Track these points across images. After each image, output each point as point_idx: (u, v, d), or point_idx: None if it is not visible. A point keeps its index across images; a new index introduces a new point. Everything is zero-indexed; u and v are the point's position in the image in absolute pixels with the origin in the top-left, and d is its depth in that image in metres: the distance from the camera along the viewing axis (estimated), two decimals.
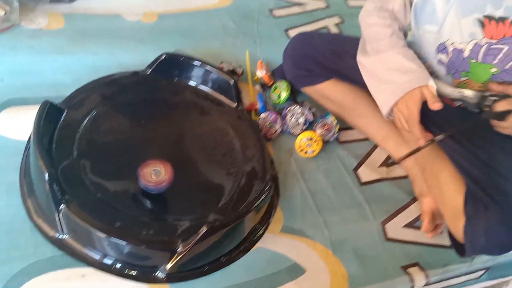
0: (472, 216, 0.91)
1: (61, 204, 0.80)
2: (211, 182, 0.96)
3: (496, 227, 0.88)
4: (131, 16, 1.32)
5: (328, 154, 1.15)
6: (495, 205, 0.89)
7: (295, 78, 1.16)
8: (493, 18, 0.86)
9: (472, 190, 0.94)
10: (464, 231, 0.92)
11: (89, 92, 1.01)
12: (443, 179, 1.00)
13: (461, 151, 0.98)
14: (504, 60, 0.89)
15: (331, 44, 1.13)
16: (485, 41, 0.89)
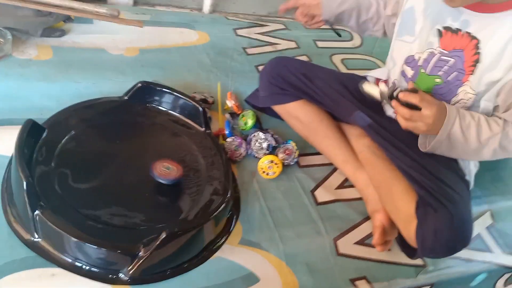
0: (423, 218, 1.01)
1: (36, 210, 0.90)
2: (177, 196, 1.06)
3: (444, 228, 0.98)
4: (115, 50, 1.45)
5: (288, 176, 1.25)
6: (444, 208, 0.99)
7: (269, 95, 1.27)
8: (450, 29, 1.00)
9: (422, 196, 1.04)
10: (415, 232, 1.01)
11: (70, 114, 1.12)
12: (397, 192, 1.10)
13: (412, 164, 1.08)
14: (447, 71, 1.02)
15: (303, 69, 1.25)
16: (439, 50, 1.03)
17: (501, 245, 1.26)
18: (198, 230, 0.97)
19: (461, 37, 0.99)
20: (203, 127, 1.21)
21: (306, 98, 1.25)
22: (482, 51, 0.97)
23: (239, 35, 1.73)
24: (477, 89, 1.01)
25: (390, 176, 1.13)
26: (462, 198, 1.03)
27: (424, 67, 1.06)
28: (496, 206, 1.37)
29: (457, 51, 1.00)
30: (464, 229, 1.00)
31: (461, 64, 1.00)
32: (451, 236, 0.99)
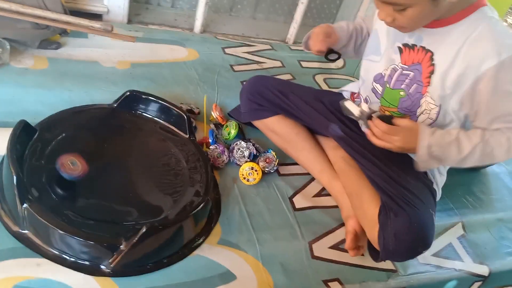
0: (384, 222, 1.07)
1: (25, 203, 0.95)
2: (160, 196, 1.11)
3: (403, 231, 1.04)
4: (108, 63, 1.53)
5: (268, 183, 1.31)
6: (403, 212, 1.05)
7: (248, 111, 1.35)
8: (407, 45, 1.09)
9: (384, 201, 1.10)
10: (378, 236, 1.07)
11: (61, 117, 1.19)
12: (365, 199, 1.17)
13: (377, 172, 1.16)
14: (409, 84, 1.10)
15: (280, 86, 1.34)
16: (400, 66, 1.11)
17: (471, 255, 1.32)
18: (178, 227, 1.03)
19: (417, 51, 1.08)
20: (187, 134, 1.28)
21: (282, 113, 1.32)
22: (435, 62, 1.05)
23: (227, 53, 1.82)
24: (437, 99, 1.08)
25: (361, 184, 1.20)
26: (423, 203, 1.10)
27: (389, 82, 1.15)
28: (467, 219, 1.44)
29: (415, 65, 1.08)
30: (423, 232, 1.06)
31: (419, 76, 1.08)
32: (410, 239, 1.05)
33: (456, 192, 1.52)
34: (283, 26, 2.14)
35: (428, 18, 1.01)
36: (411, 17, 0.97)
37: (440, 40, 1.03)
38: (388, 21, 1.01)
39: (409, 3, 0.94)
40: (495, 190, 1.61)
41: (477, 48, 0.98)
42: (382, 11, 1.01)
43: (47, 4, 1.44)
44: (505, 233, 1.44)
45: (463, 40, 0.99)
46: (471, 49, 0.98)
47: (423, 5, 0.94)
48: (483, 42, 0.97)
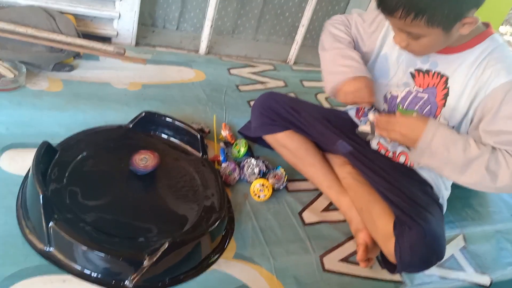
0: (399, 235, 1.12)
1: (51, 222, 0.99)
2: (177, 213, 1.16)
3: (418, 243, 1.09)
4: (119, 84, 1.58)
5: (278, 200, 1.36)
6: (417, 225, 1.10)
7: (260, 126, 1.40)
8: (421, 70, 1.17)
9: (398, 216, 1.15)
10: (394, 249, 1.12)
11: (80, 138, 1.24)
12: (376, 213, 1.22)
13: (389, 187, 1.21)
14: (423, 106, 1.17)
15: (291, 103, 1.39)
16: (415, 89, 1.19)
17: (473, 265, 1.37)
18: (196, 242, 1.07)
19: (431, 76, 1.15)
20: (200, 153, 1.33)
21: (293, 128, 1.38)
22: (450, 86, 1.13)
23: (232, 74, 1.88)
24: (450, 119, 1.15)
25: (370, 199, 1.25)
26: (434, 217, 1.15)
27: (402, 104, 1.22)
28: (468, 230, 1.49)
29: (430, 88, 1.16)
30: (436, 244, 1.11)
31: (434, 98, 1.16)
32: (425, 251, 1.10)
33: (455, 205, 1.57)
34: (284, 47, 2.22)
35: (440, 45, 1.09)
36: (424, 45, 1.05)
37: (455, 65, 1.11)
38: (402, 46, 1.08)
39: (424, 33, 1.01)
40: (492, 203, 1.68)
41: (488, 71, 1.06)
42: (397, 36, 1.08)
43: (61, 28, 1.49)
44: (504, 244, 1.50)
45: (477, 64, 1.08)
46: (484, 72, 1.07)
47: (436, 35, 1.01)
48: (495, 65, 1.06)
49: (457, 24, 1.00)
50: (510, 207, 1.68)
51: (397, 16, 0.98)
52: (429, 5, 0.94)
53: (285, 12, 2.20)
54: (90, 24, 1.74)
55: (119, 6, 1.73)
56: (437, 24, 0.98)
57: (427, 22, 0.97)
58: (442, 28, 0.99)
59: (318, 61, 1.34)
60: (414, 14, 0.96)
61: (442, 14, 0.96)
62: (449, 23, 0.99)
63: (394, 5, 0.97)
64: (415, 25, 0.99)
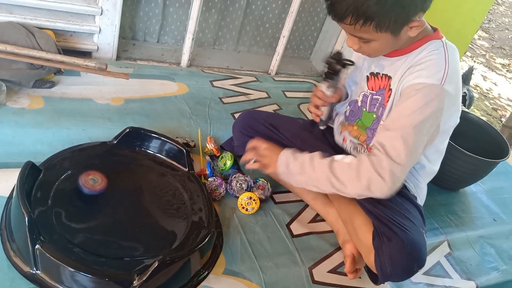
0: (379, 247, 1.13)
1: (37, 244, 0.97)
2: (165, 229, 1.15)
3: (398, 254, 1.10)
4: (102, 100, 1.56)
5: (265, 212, 1.36)
6: (395, 236, 1.11)
7: (241, 144, 1.39)
8: (373, 73, 1.22)
9: (377, 227, 1.16)
10: (374, 261, 1.13)
11: (64, 157, 1.21)
12: (357, 225, 1.23)
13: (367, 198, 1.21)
14: (379, 107, 1.20)
15: (270, 119, 1.41)
16: (369, 92, 1.23)
17: (459, 272, 1.40)
18: (186, 260, 1.06)
19: (380, 78, 1.20)
20: (186, 168, 1.32)
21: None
22: (392, 87, 1.16)
23: (215, 86, 1.88)
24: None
25: (353, 210, 1.26)
26: (413, 223, 1.16)
27: (364, 107, 1.26)
28: (452, 237, 1.52)
29: (381, 90, 1.20)
30: (416, 252, 1.12)
31: (383, 100, 1.19)
32: (405, 260, 1.11)
33: (439, 212, 1.60)
34: (265, 58, 2.23)
35: (391, 47, 1.13)
36: (375, 48, 1.11)
37: (396, 67, 1.15)
38: (355, 49, 1.13)
39: (373, 38, 1.06)
40: (474, 209, 1.71)
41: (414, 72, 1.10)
42: (350, 40, 1.12)
43: (41, 44, 1.47)
44: (487, 249, 1.53)
45: (409, 66, 1.12)
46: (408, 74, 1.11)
47: (386, 39, 1.06)
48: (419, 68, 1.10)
49: (405, 27, 1.04)
50: (492, 212, 1.72)
51: (346, 22, 1.02)
52: (376, 12, 0.98)
53: (266, 23, 2.22)
54: (70, 39, 1.72)
55: (99, 21, 1.71)
56: (385, 29, 1.02)
57: (376, 27, 1.01)
58: (390, 32, 1.03)
59: (299, 71, 1.36)
60: (363, 21, 1.00)
61: (390, 20, 1.00)
62: (397, 27, 1.03)
63: (343, 12, 1.00)
64: (364, 31, 1.03)
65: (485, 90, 4.07)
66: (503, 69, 4.68)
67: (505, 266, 1.48)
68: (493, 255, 1.51)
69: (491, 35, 5.42)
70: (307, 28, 2.34)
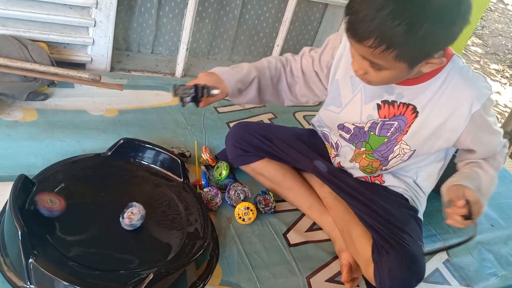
0: (378, 261, 1.12)
1: (30, 258, 0.95)
2: (160, 240, 1.13)
3: (396, 267, 1.10)
4: (96, 111, 1.56)
5: (262, 221, 1.35)
6: (394, 249, 1.11)
7: (235, 157, 1.40)
8: (387, 101, 1.16)
9: (376, 240, 1.16)
10: (373, 274, 1.12)
11: (57, 169, 1.20)
12: (355, 237, 1.22)
13: (365, 210, 1.21)
14: (394, 132, 1.18)
15: (263, 131, 1.39)
16: (380, 120, 1.18)
17: (458, 278, 1.39)
18: (182, 271, 1.05)
19: (397, 106, 1.15)
20: (181, 178, 1.31)
21: (268, 156, 1.38)
22: (419, 111, 1.13)
23: None
24: (413, 145, 1.17)
25: (350, 220, 1.26)
26: (411, 237, 1.16)
27: (373, 131, 1.21)
28: (450, 243, 1.50)
29: (398, 116, 1.16)
30: (415, 266, 1.11)
31: (404, 125, 1.16)
32: (404, 274, 1.10)
33: (437, 218, 1.59)
34: None
35: (398, 80, 1.07)
36: (383, 77, 1.01)
37: (420, 94, 1.11)
38: (360, 73, 1.04)
39: (388, 67, 0.97)
40: None
41: (457, 97, 1.08)
42: (357, 64, 1.02)
43: (34, 57, 1.47)
44: (485, 254, 1.52)
45: (442, 91, 1.09)
46: (451, 98, 1.08)
47: (400, 70, 0.98)
48: (462, 91, 1.08)
49: (423, 62, 0.98)
50: (489, 218, 1.71)
51: (367, 44, 0.92)
52: (402, 41, 0.89)
53: (260, 32, 2.22)
54: (63, 51, 1.72)
55: (92, 32, 1.71)
56: (404, 60, 0.94)
57: (396, 56, 0.93)
58: (407, 64, 0.96)
59: None
60: (386, 46, 0.91)
61: (413, 52, 0.93)
62: (416, 61, 0.97)
63: (367, 33, 0.90)
64: (382, 57, 0.94)
65: None
66: (497, 75, 4.70)
67: (504, 272, 1.47)
68: (492, 260, 1.50)
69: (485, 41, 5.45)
70: (301, 37, 2.35)
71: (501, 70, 4.83)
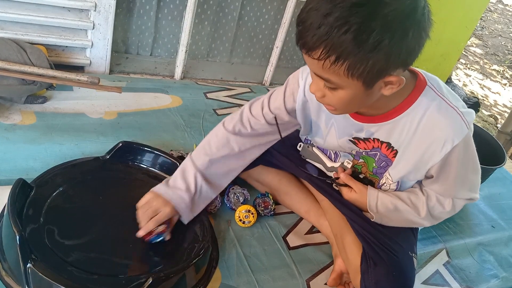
0: (365, 271, 1.11)
1: (28, 263, 0.95)
2: (158, 245, 1.13)
3: (383, 279, 1.08)
4: (94, 114, 1.55)
5: (262, 224, 1.34)
6: (382, 261, 1.10)
7: None
8: (359, 138, 1.15)
9: (365, 250, 1.15)
10: (360, 284, 1.11)
11: (56, 173, 1.20)
12: (347, 243, 1.21)
13: (356, 219, 1.20)
14: (379, 160, 1.17)
15: None
16: (362, 151, 1.18)
17: (458, 280, 1.38)
18: (181, 275, 1.05)
19: (372, 141, 1.13)
20: None
21: (262, 163, 1.35)
22: (394, 145, 1.10)
23: (209, 98, 1.88)
24: (395, 178, 1.15)
25: (343, 226, 1.24)
26: (402, 247, 1.14)
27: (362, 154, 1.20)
28: (450, 245, 1.51)
29: (375, 149, 1.14)
30: (403, 278, 1.10)
31: (384, 156, 1.14)
32: (390, 286, 1.09)
33: None
34: (259, 69, 2.23)
35: (358, 104, 0.99)
36: (340, 98, 0.94)
37: (391, 131, 1.07)
38: (318, 96, 0.97)
39: (341, 84, 0.90)
40: (472, 216, 1.70)
41: (431, 140, 1.02)
42: (314, 84, 0.96)
43: (32, 60, 1.46)
44: (486, 256, 1.52)
45: (415, 127, 1.03)
46: (426, 140, 1.03)
47: (355, 90, 0.90)
48: (436, 134, 1.01)
49: (380, 81, 0.89)
50: (490, 219, 1.71)
51: (315, 56, 0.85)
52: (350, 50, 0.81)
53: (259, 34, 2.22)
54: (62, 53, 1.71)
55: (91, 35, 1.71)
56: (357, 75, 0.86)
57: (347, 70, 0.84)
58: (362, 82, 0.88)
59: None
60: (335, 57, 0.83)
61: (366, 64, 0.84)
62: (371, 77, 0.87)
63: (314, 42, 0.83)
64: (333, 72, 0.86)
65: (481, 97, 4.08)
66: (497, 75, 4.70)
67: (505, 273, 1.47)
68: (492, 262, 1.50)
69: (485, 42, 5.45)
70: None
71: (501, 71, 4.83)
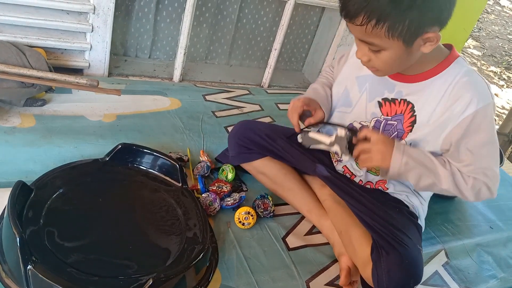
0: (377, 260, 1.12)
1: (29, 264, 0.95)
2: (159, 246, 1.13)
3: (395, 268, 1.09)
4: (94, 116, 1.56)
5: (261, 225, 1.35)
6: (394, 250, 1.11)
7: (237, 155, 1.40)
8: (387, 99, 1.17)
9: (375, 240, 1.16)
10: (371, 273, 1.12)
11: (55, 175, 1.20)
12: (354, 237, 1.22)
13: (366, 211, 1.21)
14: (392, 132, 1.19)
15: (267, 130, 1.39)
16: (383, 118, 1.19)
17: (457, 281, 1.39)
18: (181, 277, 1.05)
19: (398, 104, 1.17)
20: (180, 183, 1.31)
21: (270, 155, 1.38)
22: (417, 113, 1.14)
23: (208, 100, 1.88)
24: (414, 144, 1.17)
25: (349, 222, 1.26)
26: (411, 240, 1.16)
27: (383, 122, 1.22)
28: (449, 245, 1.51)
29: (398, 115, 1.18)
30: (414, 268, 1.11)
31: (401, 125, 1.17)
32: (403, 275, 1.10)
33: (435, 221, 1.60)
34: (258, 71, 2.24)
35: (401, 64, 1.08)
36: (385, 60, 1.04)
37: (420, 93, 1.13)
38: (364, 60, 1.07)
39: (384, 46, 1.00)
40: (470, 217, 1.71)
41: (457, 99, 1.08)
42: (359, 50, 1.07)
43: (31, 62, 1.47)
44: (484, 257, 1.52)
45: (443, 92, 1.09)
46: (451, 100, 1.08)
47: (397, 49, 1.01)
48: (464, 95, 1.07)
49: (418, 39, 0.99)
50: (488, 220, 1.72)
51: (358, 22, 0.97)
52: (390, 12, 0.93)
53: (257, 36, 2.23)
54: (61, 56, 1.72)
55: (90, 38, 1.71)
56: (397, 35, 0.97)
57: (388, 31, 0.96)
58: (402, 41, 0.98)
59: (292, 84, 1.35)
60: (375, 21, 0.95)
61: (403, 23, 0.95)
62: (410, 35, 0.98)
63: (355, 10, 0.96)
64: (375, 35, 0.98)
65: None
66: (495, 77, 4.71)
67: (503, 274, 1.47)
68: (491, 263, 1.50)
69: (482, 43, 5.47)
70: (298, 41, 2.35)
71: (499, 72, 4.85)
